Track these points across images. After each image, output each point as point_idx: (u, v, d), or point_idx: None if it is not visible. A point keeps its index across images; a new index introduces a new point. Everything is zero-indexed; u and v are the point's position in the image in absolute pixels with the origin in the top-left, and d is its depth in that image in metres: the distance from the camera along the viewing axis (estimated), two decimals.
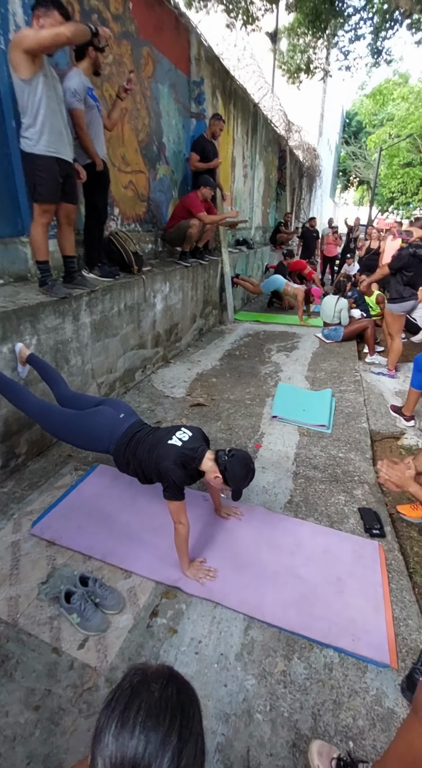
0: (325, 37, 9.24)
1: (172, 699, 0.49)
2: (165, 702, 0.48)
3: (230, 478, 1.61)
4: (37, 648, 1.39)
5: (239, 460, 1.64)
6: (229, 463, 1.62)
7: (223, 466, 1.62)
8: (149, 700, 0.48)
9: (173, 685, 0.51)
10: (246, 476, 1.66)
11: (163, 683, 0.50)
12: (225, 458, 1.64)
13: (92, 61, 2.66)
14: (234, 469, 1.61)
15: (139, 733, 0.45)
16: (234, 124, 6.54)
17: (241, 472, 1.63)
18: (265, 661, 1.38)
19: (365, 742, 1.18)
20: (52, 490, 2.17)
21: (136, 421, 1.90)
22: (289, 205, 11.01)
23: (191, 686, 0.54)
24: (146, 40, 3.80)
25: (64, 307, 2.49)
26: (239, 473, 1.62)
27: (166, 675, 0.52)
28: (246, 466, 1.65)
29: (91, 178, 2.79)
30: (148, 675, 0.52)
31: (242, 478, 1.64)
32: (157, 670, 0.53)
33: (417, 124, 16.56)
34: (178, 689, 0.51)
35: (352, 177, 26.69)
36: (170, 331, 4.18)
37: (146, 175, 4.14)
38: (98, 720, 0.49)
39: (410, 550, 1.95)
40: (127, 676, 0.52)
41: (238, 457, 1.65)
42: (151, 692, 0.49)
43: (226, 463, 1.62)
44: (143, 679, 0.51)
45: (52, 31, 2.01)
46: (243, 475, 1.64)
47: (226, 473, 1.61)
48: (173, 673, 0.53)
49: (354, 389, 3.63)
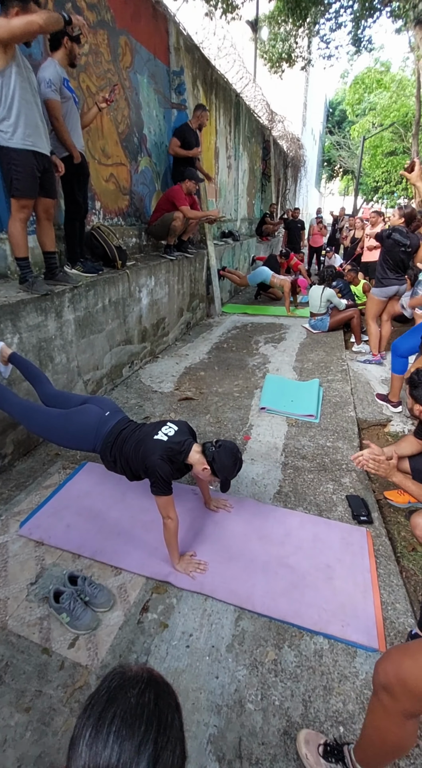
0: (306, 26, 9.18)
1: (149, 705, 0.48)
2: (141, 709, 0.47)
3: (218, 468, 1.62)
4: (27, 649, 1.38)
5: (226, 451, 1.64)
6: (217, 453, 1.62)
7: (211, 457, 1.62)
8: (125, 707, 0.47)
9: (151, 691, 0.50)
10: (234, 466, 1.66)
11: (141, 688, 0.49)
12: (212, 449, 1.64)
13: (67, 52, 2.59)
14: (222, 460, 1.61)
15: (113, 743, 0.44)
16: (217, 115, 6.47)
17: (229, 462, 1.63)
18: (256, 651, 1.39)
19: (355, 726, 1.20)
20: (40, 489, 2.15)
21: (122, 418, 1.88)
22: (274, 196, 10.98)
23: (171, 690, 0.53)
24: (123, 29, 3.71)
25: (46, 304, 2.45)
26: (227, 463, 1.62)
27: (144, 679, 0.51)
28: (233, 455, 1.65)
29: (70, 172, 2.73)
30: (126, 679, 0.50)
31: (230, 468, 1.64)
32: (136, 675, 0.51)
33: (400, 113, 16.58)
34: (157, 694, 0.50)
35: (337, 167, 26.68)
36: (157, 325, 4.14)
37: (127, 167, 4.07)
38: (75, 728, 0.48)
39: (397, 534, 1.98)
40: (105, 681, 0.51)
41: (226, 447, 1.65)
42: (127, 698, 0.48)
43: (214, 454, 1.62)
44: (120, 684, 0.50)
45: (23, 19, 1.95)
46: (231, 464, 1.64)
47: (214, 464, 1.61)
48: (152, 677, 0.52)
49: (342, 378, 3.65)
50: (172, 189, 4.31)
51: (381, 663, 0.91)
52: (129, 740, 0.45)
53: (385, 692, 0.88)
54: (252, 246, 8.65)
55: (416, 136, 11.71)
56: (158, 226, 4.33)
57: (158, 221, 4.29)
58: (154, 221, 4.33)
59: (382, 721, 0.91)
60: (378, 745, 0.95)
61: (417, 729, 0.92)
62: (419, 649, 0.87)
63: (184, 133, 4.56)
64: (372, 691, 0.94)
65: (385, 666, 0.89)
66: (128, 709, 0.47)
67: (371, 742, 0.97)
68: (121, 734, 0.45)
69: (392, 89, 17.13)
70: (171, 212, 4.20)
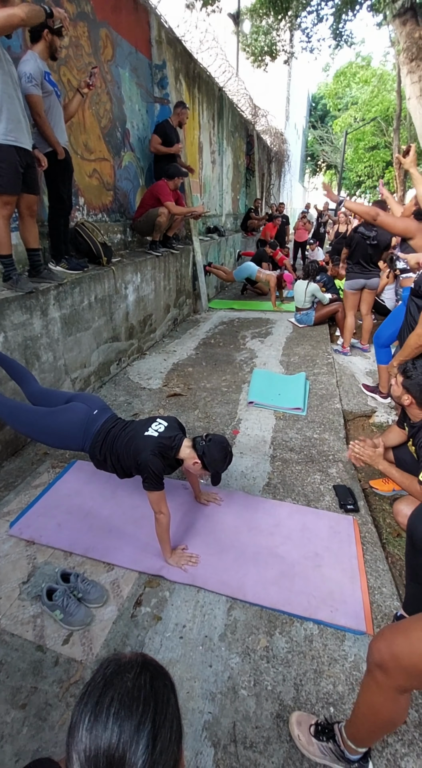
0: (288, 19, 9.16)
1: (146, 687, 0.49)
2: (138, 690, 0.49)
3: (209, 462, 1.64)
4: (21, 647, 1.38)
5: (216, 444, 1.67)
6: (207, 447, 1.65)
7: (201, 451, 1.64)
8: (122, 691, 0.49)
9: (146, 673, 0.51)
10: (225, 459, 1.69)
11: (137, 672, 0.51)
12: (202, 443, 1.66)
13: (48, 44, 2.55)
14: (212, 453, 1.64)
15: (113, 724, 0.46)
16: (200, 109, 6.43)
17: (219, 455, 1.66)
18: (248, 639, 1.42)
19: (345, 707, 1.24)
20: (29, 489, 2.14)
21: (110, 416, 1.88)
22: (259, 191, 10.99)
23: (165, 671, 0.55)
24: (103, 21, 3.66)
25: (30, 302, 2.42)
26: (217, 457, 1.65)
27: (139, 663, 0.53)
28: (223, 449, 1.68)
29: (54, 167, 2.70)
30: (121, 666, 0.52)
31: (220, 462, 1.67)
32: (130, 660, 0.53)
33: (381, 107, 16.72)
34: (152, 676, 0.51)
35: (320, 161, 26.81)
36: (144, 322, 4.13)
37: (111, 162, 4.03)
38: (72, 716, 0.49)
39: (383, 521, 2.04)
40: (100, 669, 0.52)
41: (216, 441, 1.68)
42: (123, 682, 0.49)
43: (204, 447, 1.65)
44: (116, 670, 0.51)
45: (4, 12, 1.91)
46: (222, 458, 1.67)
47: (205, 458, 1.64)
48: (147, 661, 0.54)
49: (327, 371, 3.71)
50: (156, 184, 4.29)
51: (375, 642, 0.94)
52: (128, 720, 0.46)
53: (379, 670, 0.91)
54: (238, 241, 8.66)
55: (397, 130, 11.84)
56: (143, 222, 4.30)
57: (143, 217, 4.26)
58: (139, 217, 4.30)
59: (376, 697, 0.94)
60: (372, 720, 0.98)
61: (408, 703, 0.97)
62: (410, 626, 0.90)
63: (165, 130, 4.52)
64: (366, 670, 0.97)
65: (379, 645, 0.92)
66: (125, 692, 0.48)
67: (364, 719, 1.00)
68: (120, 716, 0.46)
69: (373, 83, 17.25)
70: (156, 208, 4.17)
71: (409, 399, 1.77)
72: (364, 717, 0.99)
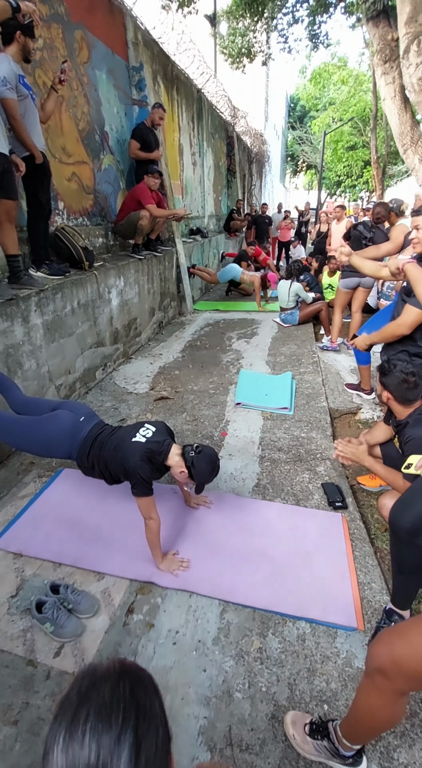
0: (264, 20, 9.22)
1: (125, 695, 0.46)
2: (117, 701, 0.45)
3: (196, 474, 1.64)
4: (11, 663, 1.36)
5: (206, 458, 1.66)
6: (196, 459, 1.64)
7: (190, 462, 1.64)
8: (98, 703, 0.45)
9: (125, 681, 0.48)
10: (212, 473, 1.70)
11: (114, 681, 0.47)
12: (192, 454, 1.66)
13: (21, 46, 2.51)
14: (200, 466, 1.64)
15: (90, 741, 0.42)
16: (179, 111, 6.42)
17: (207, 469, 1.66)
18: (242, 641, 1.43)
19: (339, 703, 1.26)
20: (15, 500, 2.10)
21: (97, 422, 1.87)
22: (240, 192, 11.04)
23: (147, 674, 0.51)
24: (78, 22, 3.62)
25: (11, 309, 2.38)
26: (205, 471, 1.65)
27: (116, 672, 0.49)
28: (212, 463, 1.68)
29: (31, 172, 2.65)
30: (97, 677, 0.48)
31: (207, 475, 1.68)
32: (107, 669, 0.49)
33: (358, 107, 16.98)
34: (132, 682, 0.48)
35: (300, 162, 27.07)
36: (129, 326, 4.10)
37: (90, 165, 3.99)
38: (46, 740, 0.45)
39: (371, 517, 2.07)
40: (75, 683, 0.48)
41: (205, 454, 1.67)
42: (100, 695, 0.45)
43: (193, 459, 1.64)
44: (91, 684, 0.47)
45: None
46: (209, 472, 1.68)
47: (193, 469, 1.63)
48: (125, 667, 0.50)
49: (313, 370, 3.75)
50: (137, 187, 4.26)
51: (374, 647, 0.93)
52: (106, 733, 0.42)
53: (379, 675, 0.90)
54: (221, 242, 8.68)
55: (374, 130, 12.02)
56: (125, 226, 4.27)
57: (125, 220, 4.23)
58: (121, 220, 4.27)
59: (375, 701, 0.93)
60: (370, 722, 0.98)
61: (406, 704, 0.97)
62: (410, 630, 0.90)
63: (142, 134, 4.47)
64: (364, 674, 0.96)
65: (378, 650, 0.92)
66: (102, 704, 0.44)
67: (362, 721, 1.00)
68: (96, 730, 0.42)
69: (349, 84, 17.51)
70: (137, 211, 4.15)
71: (387, 395, 1.80)
72: (362, 719, 0.99)
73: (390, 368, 1.80)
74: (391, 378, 1.77)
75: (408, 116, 6.14)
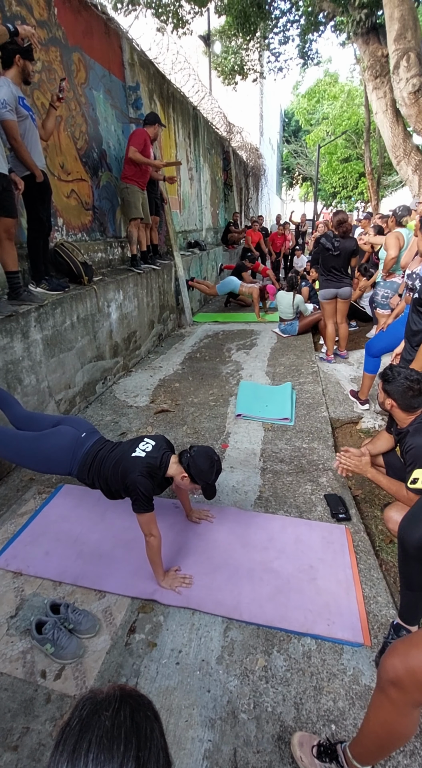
0: (256, 39, 9.46)
1: (126, 722, 0.46)
2: (118, 728, 0.45)
3: (196, 473, 1.61)
4: (11, 687, 1.33)
5: (201, 454, 1.64)
6: (192, 459, 1.62)
7: (187, 464, 1.62)
8: (100, 732, 0.45)
9: (126, 707, 0.48)
10: (212, 468, 1.64)
11: (115, 708, 0.47)
12: (187, 456, 1.64)
13: (20, 69, 2.57)
14: (197, 464, 1.61)
15: None
16: (176, 128, 6.55)
17: (205, 465, 1.62)
18: (246, 659, 1.40)
19: (346, 722, 1.22)
20: (15, 517, 2.08)
21: (98, 439, 1.86)
22: (237, 205, 11.19)
23: (147, 700, 0.51)
24: (76, 45, 3.72)
25: (11, 325, 2.39)
26: (203, 467, 1.62)
27: (117, 698, 0.49)
28: (209, 458, 1.65)
29: (32, 190, 2.70)
30: (97, 704, 0.48)
31: (207, 472, 1.63)
32: (107, 695, 0.49)
33: (351, 121, 17.31)
34: (132, 709, 0.48)
35: (296, 174, 27.48)
36: (128, 339, 4.12)
37: (88, 182, 4.05)
38: None
39: (375, 528, 2.05)
40: (76, 710, 0.48)
41: (200, 451, 1.65)
42: (101, 722, 0.46)
43: (189, 460, 1.62)
44: (92, 710, 0.47)
45: None
46: (208, 467, 1.63)
47: (191, 470, 1.61)
48: (125, 693, 0.50)
49: (313, 380, 3.74)
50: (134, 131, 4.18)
51: (388, 658, 0.90)
52: (109, 764, 0.42)
53: (394, 687, 0.87)
54: (219, 254, 8.77)
55: (368, 143, 12.24)
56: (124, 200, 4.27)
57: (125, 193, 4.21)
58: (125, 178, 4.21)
59: (390, 715, 0.90)
60: (384, 738, 0.95)
61: (420, 716, 0.94)
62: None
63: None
64: (377, 687, 0.94)
65: (392, 660, 0.89)
66: (104, 733, 0.45)
67: (376, 737, 0.96)
68: (99, 760, 0.43)
69: (342, 99, 17.89)
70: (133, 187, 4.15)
71: (391, 402, 1.80)
72: (376, 735, 0.96)
73: (394, 375, 1.79)
74: (395, 385, 1.77)
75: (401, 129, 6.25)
